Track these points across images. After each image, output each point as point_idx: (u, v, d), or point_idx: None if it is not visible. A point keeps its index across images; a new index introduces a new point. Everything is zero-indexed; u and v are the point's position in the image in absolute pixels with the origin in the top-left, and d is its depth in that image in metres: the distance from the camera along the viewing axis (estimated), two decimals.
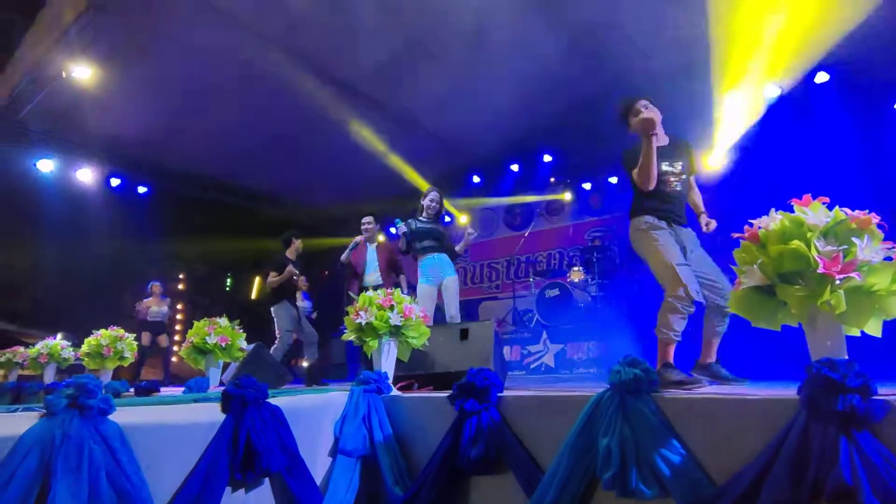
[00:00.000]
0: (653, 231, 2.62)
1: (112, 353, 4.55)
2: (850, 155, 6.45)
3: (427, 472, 1.98)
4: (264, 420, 1.92)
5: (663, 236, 2.62)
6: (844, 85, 6.87)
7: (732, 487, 1.43)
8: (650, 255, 2.61)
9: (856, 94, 6.76)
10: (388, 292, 2.59)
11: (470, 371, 2.03)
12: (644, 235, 2.64)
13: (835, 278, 1.35)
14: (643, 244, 2.66)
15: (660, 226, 2.65)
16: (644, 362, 1.72)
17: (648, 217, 2.67)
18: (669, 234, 2.66)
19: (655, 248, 2.57)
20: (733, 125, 7.35)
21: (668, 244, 2.57)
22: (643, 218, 2.68)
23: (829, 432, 1.29)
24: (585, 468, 1.69)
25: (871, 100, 6.75)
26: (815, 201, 1.49)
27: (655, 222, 2.65)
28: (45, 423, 1.48)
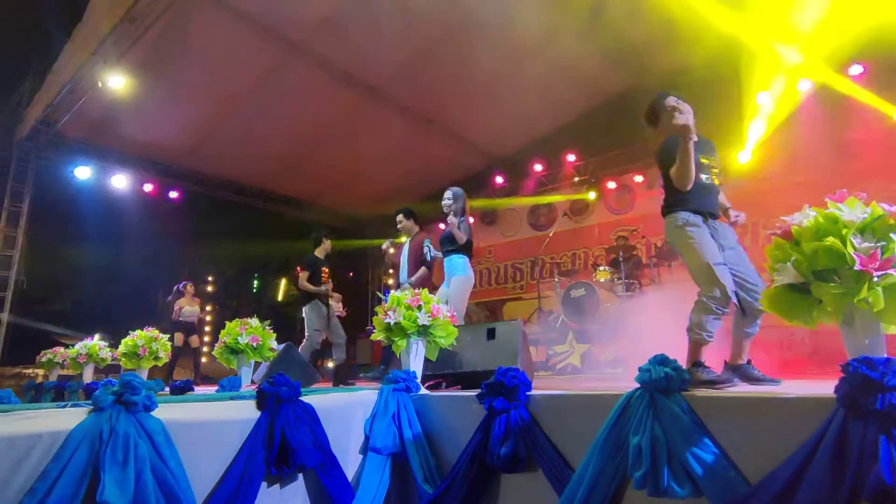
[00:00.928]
0: (689, 228, 2.56)
1: (147, 353, 4.69)
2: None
3: (457, 470, 2.01)
4: (298, 417, 1.97)
5: (700, 233, 2.54)
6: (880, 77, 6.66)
7: (767, 486, 1.42)
8: (687, 253, 2.55)
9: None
10: (416, 292, 2.62)
11: (499, 370, 2.04)
12: (681, 232, 2.57)
13: (872, 275, 1.32)
14: (680, 241, 2.60)
15: (696, 222, 2.57)
16: (674, 361, 1.71)
17: (684, 213, 2.60)
18: (706, 230, 2.59)
19: (692, 246, 2.50)
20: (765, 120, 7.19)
21: (705, 242, 2.50)
22: (679, 214, 2.61)
23: (869, 431, 1.27)
24: (616, 467, 1.69)
25: None
26: (851, 197, 1.46)
27: (691, 218, 2.58)
28: (93, 418, 1.55)
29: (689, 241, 2.52)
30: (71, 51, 6.37)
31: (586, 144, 9.06)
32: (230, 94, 7.45)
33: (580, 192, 9.11)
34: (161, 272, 12.45)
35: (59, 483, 1.42)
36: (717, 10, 6.50)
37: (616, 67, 8.05)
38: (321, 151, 9.09)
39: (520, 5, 6.70)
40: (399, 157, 9.60)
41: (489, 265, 10.16)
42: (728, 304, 2.29)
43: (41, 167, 7.88)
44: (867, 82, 6.69)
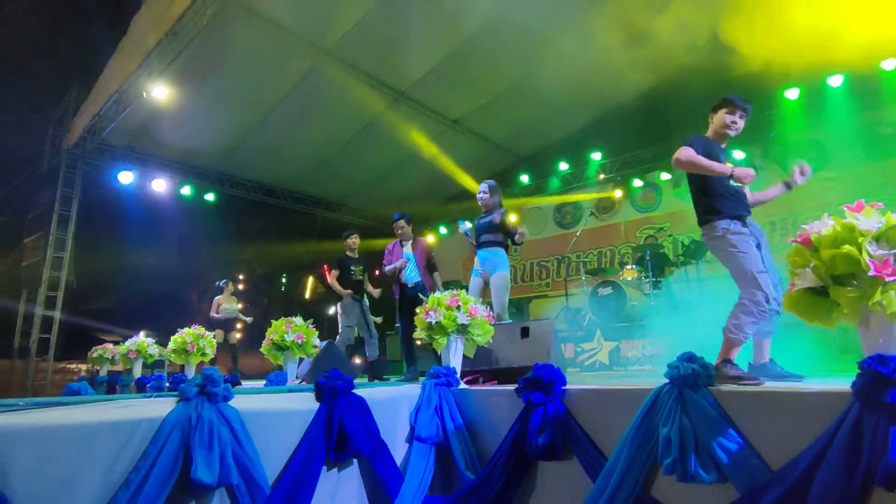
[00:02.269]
0: (731, 236, 2.58)
1: (195, 350, 4.97)
2: None
3: (497, 458, 2.18)
4: (352, 408, 2.17)
5: (743, 241, 2.55)
6: None
7: (788, 473, 1.55)
8: (730, 262, 2.52)
9: None
10: (454, 293, 2.80)
11: (535, 366, 2.20)
12: (722, 242, 2.59)
13: (885, 280, 1.45)
14: (722, 250, 2.61)
15: (737, 230, 2.60)
16: (701, 358, 1.85)
17: (723, 222, 2.62)
18: (748, 237, 2.60)
19: (735, 255, 2.52)
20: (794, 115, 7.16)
21: (748, 250, 2.48)
22: (718, 223, 2.63)
23: (881, 423, 1.40)
24: (646, 455, 1.83)
25: None
26: (868, 206, 1.58)
27: (732, 226, 2.60)
28: (181, 407, 1.76)
29: (732, 250, 2.52)
30: (116, 63, 6.71)
31: (612, 143, 9.10)
32: (262, 100, 7.73)
33: (606, 191, 9.17)
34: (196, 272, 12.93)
35: (158, 462, 1.64)
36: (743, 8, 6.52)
37: (641, 66, 8.08)
38: (349, 154, 9.34)
39: (545, 8, 6.80)
40: (425, 157, 9.78)
41: (515, 263, 10.27)
42: (766, 313, 2.36)
43: (87, 173, 8.30)
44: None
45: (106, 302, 10.68)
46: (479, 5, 6.64)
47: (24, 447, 1.48)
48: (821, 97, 7.08)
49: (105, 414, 1.71)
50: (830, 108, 6.99)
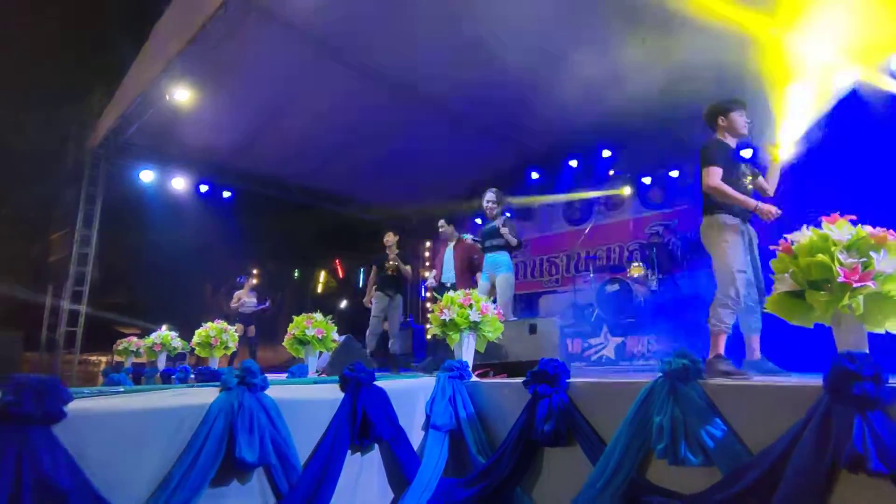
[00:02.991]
0: (725, 232, 2.76)
1: (219, 343, 5.24)
2: None
3: (506, 444, 2.38)
4: (374, 398, 2.38)
5: (734, 239, 2.73)
6: None
7: (766, 456, 1.74)
8: (717, 254, 2.76)
9: None
10: (467, 293, 3.00)
11: (542, 361, 2.40)
12: (717, 234, 2.78)
13: (852, 286, 1.62)
14: (713, 242, 2.79)
15: (734, 226, 2.77)
16: (692, 354, 2.03)
17: (724, 216, 2.79)
18: (741, 235, 2.79)
19: (724, 250, 2.72)
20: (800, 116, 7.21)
21: (736, 248, 2.70)
22: (719, 216, 2.80)
23: (847, 412, 1.58)
24: (641, 442, 2.03)
25: None
26: (841, 219, 1.75)
27: (730, 222, 2.78)
28: (224, 395, 1.98)
29: (724, 244, 2.75)
30: (139, 67, 6.96)
31: (621, 140, 9.21)
32: (277, 99, 7.94)
33: (615, 188, 9.29)
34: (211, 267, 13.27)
35: (207, 443, 1.86)
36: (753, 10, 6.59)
37: (651, 65, 8.18)
38: (360, 149, 9.53)
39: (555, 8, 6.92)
40: (435, 153, 9.96)
41: (525, 259, 10.44)
42: (739, 305, 2.57)
43: (110, 172, 8.59)
44: None
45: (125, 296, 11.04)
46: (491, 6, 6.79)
47: (95, 429, 1.70)
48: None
49: (160, 401, 1.94)
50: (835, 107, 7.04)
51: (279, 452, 2.03)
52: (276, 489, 2.04)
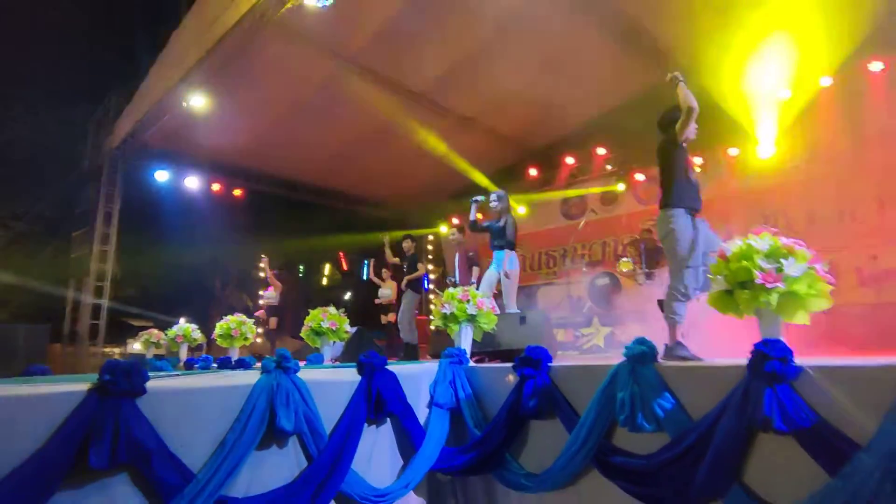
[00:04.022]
0: (679, 227, 3.04)
1: (238, 335, 5.68)
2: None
3: (498, 418, 2.82)
4: (386, 380, 2.81)
5: (686, 234, 3.01)
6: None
7: (703, 422, 2.16)
8: (671, 248, 3.07)
9: None
10: (465, 289, 3.42)
11: (528, 348, 2.82)
12: (671, 229, 3.05)
13: (767, 286, 2.03)
14: (668, 236, 3.07)
15: (687, 223, 3.06)
16: (649, 342, 2.45)
17: (679, 211, 3.07)
18: (693, 231, 3.13)
19: (677, 245, 3.03)
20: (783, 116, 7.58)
21: (688, 244, 3.04)
22: (675, 211, 3.07)
23: (761, 386, 2.00)
24: (608, 413, 2.46)
25: None
26: (764, 231, 2.16)
27: (682, 219, 3.06)
28: (265, 377, 2.42)
29: (680, 238, 3.07)
30: (157, 73, 7.36)
31: (616, 137, 9.57)
32: (287, 103, 8.34)
33: (610, 184, 9.67)
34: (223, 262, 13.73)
35: (254, 414, 2.30)
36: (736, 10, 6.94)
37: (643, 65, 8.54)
38: (368, 150, 9.93)
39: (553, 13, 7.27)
40: (439, 153, 10.35)
41: (524, 252, 10.84)
42: (689, 297, 2.97)
43: (127, 172, 9.01)
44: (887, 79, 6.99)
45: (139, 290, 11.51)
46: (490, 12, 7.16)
47: (166, 403, 2.14)
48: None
49: (213, 381, 2.38)
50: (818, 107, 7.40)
51: (310, 423, 2.47)
52: (308, 453, 2.48)
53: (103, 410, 1.93)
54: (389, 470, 2.84)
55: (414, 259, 6.76)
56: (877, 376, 1.83)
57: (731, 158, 8.20)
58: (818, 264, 2.11)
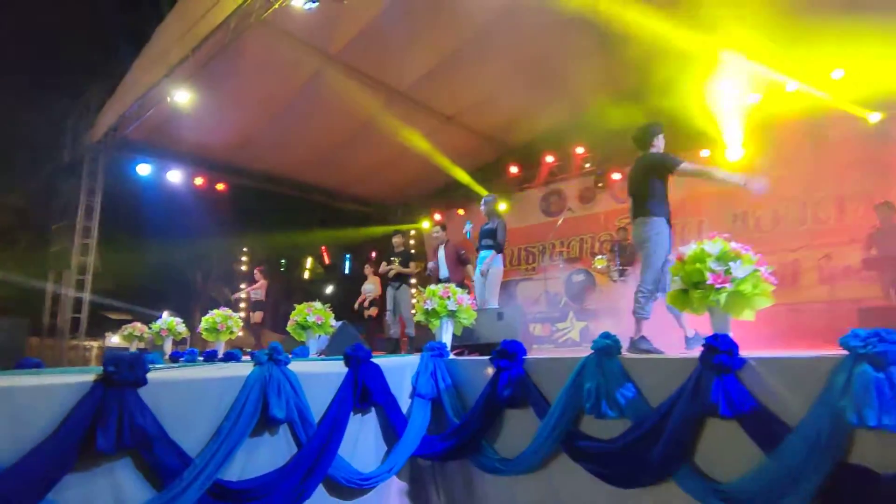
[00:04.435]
0: (662, 237, 3.33)
1: (224, 329, 5.78)
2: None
3: (476, 407, 3.02)
4: (371, 372, 3.00)
5: (662, 242, 3.30)
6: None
7: (660, 409, 2.39)
8: (648, 254, 3.34)
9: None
10: (446, 286, 3.61)
11: (504, 342, 3.03)
12: (652, 237, 3.33)
13: (716, 287, 2.26)
14: (648, 243, 3.34)
15: (665, 231, 3.35)
16: (614, 336, 2.67)
17: (663, 221, 3.37)
18: (667, 239, 3.41)
19: (654, 252, 3.32)
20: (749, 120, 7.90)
21: (664, 251, 3.33)
22: (659, 220, 3.36)
23: (710, 376, 2.23)
24: (576, 402, 2.67)
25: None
26: (716, 237, 2.39)
27: (666, 230, 3.35)
28: (258, 369, 2.58)
29: (655, 246, 3.34)
30: (141, 68, 7.36)
31: (593, 137, 9.84)
32: (272, 99, 8.40)
33: (588, 183, 9.94)
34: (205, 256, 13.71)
35: (247, 404, 2.46)
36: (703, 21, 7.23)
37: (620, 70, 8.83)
38: (351, 146, 10.03)
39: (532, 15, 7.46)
40: (420, 149, 10.50)
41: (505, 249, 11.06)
42: (654, 295, 3.22)
43: (108, 165, 8.98)
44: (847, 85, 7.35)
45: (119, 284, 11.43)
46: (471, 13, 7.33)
47: (168, 393, 2.29)
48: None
49: (210, 373, 2.54)
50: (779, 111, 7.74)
51: (300, 412, 2.64)
52: (297, 440, 2.66)
53: (109, 399, 2.08)
54: (374, 455, 3.03)
55: (406, 255, 6.92)
56: (807, 367, 2.07)
57: (702, 160, 8.50)
58: (762, 267, 2.34)
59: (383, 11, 6.97)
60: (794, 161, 7.61)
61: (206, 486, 2.26)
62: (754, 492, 2.06)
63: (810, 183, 7.53)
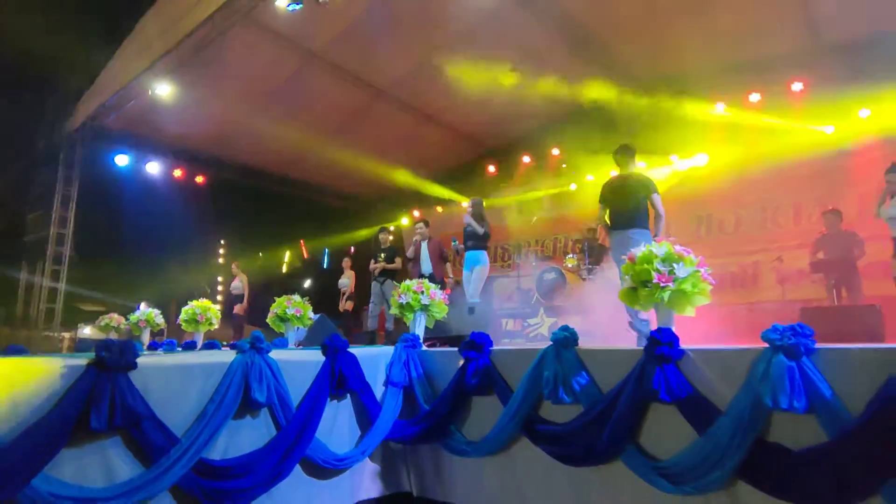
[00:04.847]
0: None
1: (203, 320, 5.90)
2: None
3: (445, 394, 3.24)
4: (348, 361, 3.19)
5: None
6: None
7: (609, 394, 2.64)
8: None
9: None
10: (420, 282, 3.83)
11: (472, 334, 3.25)
12: (636, 245, 3.71)
13: (661, 285, 2.52)
14: (628, 249, 3.74)
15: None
16: (571, 329, 2.92)
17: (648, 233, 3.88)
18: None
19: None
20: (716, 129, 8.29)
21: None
22: (645, 233, 3.88)
23: (653, 365, 2.49)
24: (537, 389, 2.91)
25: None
26: (664, 241, 2.65)
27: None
28: (241, 356, 2.76)
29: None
30: (122, 59, 7.38)
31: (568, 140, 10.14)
32: (254, 94, 8.49)
33: (562, 184, 10.24)
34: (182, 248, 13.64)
35: (230, 388, 2.64)
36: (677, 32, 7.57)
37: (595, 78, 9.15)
38: (332, 142, 10.15)
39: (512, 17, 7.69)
40: (401, 146, 10.68)
41: None
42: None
43: (86, 155, 8.95)
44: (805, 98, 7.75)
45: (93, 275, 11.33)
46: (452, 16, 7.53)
47: (156, 378, 2.46)
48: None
49: (195, 359, 2.71)
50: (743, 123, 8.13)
51: (279, 397, 2.83)
52: (277, 423, 2.84)
53: (101, 381, 2.24)
54: (348, 439, 3.23)
55: (392, 251, 7.10)
56: (735, 357, 2.34)
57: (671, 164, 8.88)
58: (703, 268, 2.61)
59: (366, 10, 7.13)
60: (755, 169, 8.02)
61: (191, 463, 2.43)
62: (688, 467, 2.32)
63: (769, 190, 7.93)
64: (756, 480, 2.21)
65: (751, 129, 8.01)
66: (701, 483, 2.28)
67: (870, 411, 1.96)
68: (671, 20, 7.44)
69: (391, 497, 3.43)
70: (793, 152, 7.65)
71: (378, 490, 3.36)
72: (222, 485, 2.56)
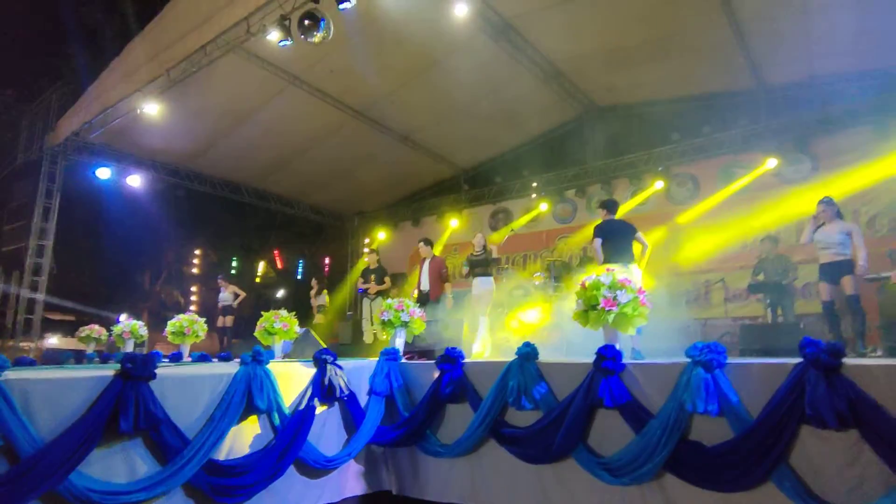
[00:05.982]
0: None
1: (190, 332, 6.17)
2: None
3: (422, 403, 3.66)
4: (336, 371, 3.58)
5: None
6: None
7: (564, 402, 3.10)
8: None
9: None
10: (400, 301, 4.25)
11: (447, 349, 3.69)
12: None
13: (605, 308, 3.01)
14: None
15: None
16: (532, 345, 3.37)
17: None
18: None
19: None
20: None
21: None
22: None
23: (599, 377, 2.96)
24: (503, 397, 3.35)
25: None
26: (608, 271, 3.15)
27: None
28: (244, 368, 3.13)
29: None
30: (109, 80, 7.62)
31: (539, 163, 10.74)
32: (235, 112, 8.77)
33: (532, 204, 10.79)
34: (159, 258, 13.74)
35: (235, 395, 3.00)
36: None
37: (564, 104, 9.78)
38: (310, 159, 10.49)
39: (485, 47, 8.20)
40: (378, 164, 11.09)
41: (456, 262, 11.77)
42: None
43: (67, 168, 9.07)
44: None
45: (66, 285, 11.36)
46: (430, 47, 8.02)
47: (171, 386, 2.81)
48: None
49: (203, 370, 3.07)
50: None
51: (276, 404, 3.20)
52: (274, 427, 3.21)
53: (127, 390, 2.59)
54: (336, 442, 3.61)
55: (380, 272, 7.51)
56: (666, 370, 2.83)
57: None
58: (641, 294, 3.11)
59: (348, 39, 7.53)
60: (708, 195, 8.71)
61: (201, 462, 2.79)
62: (625, 462, 2.79)
63: (720, 213, 8.60)
64: (680, 472, 2.70)
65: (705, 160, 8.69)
66: (636, 475, 2.76)
67: (764, 414, 2.47)
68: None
69: (373, 496, 3.82)
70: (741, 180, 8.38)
71: (362, 488, 3.74)
72: (227, 482, 2.92)
